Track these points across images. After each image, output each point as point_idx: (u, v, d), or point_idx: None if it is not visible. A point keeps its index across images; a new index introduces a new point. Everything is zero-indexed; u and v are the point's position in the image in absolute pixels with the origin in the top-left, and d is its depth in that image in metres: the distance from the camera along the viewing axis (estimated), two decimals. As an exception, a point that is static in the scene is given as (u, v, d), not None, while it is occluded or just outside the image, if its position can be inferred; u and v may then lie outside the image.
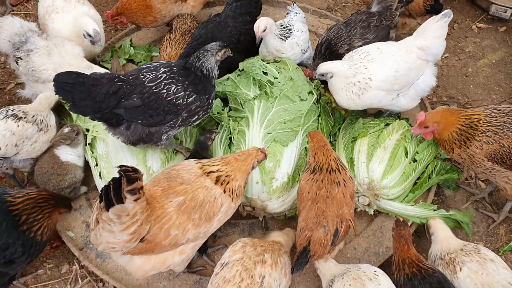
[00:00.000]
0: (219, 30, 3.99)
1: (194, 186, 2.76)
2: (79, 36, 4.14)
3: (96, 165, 3.68)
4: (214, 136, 3.52)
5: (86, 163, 3.84)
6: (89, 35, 4.07)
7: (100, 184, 3.64)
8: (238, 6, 4.07)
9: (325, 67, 3.61)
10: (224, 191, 2.83)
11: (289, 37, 3.95)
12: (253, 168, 3.00)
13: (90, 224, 2.57)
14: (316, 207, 2.95)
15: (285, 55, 3.95)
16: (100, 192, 2.39)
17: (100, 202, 2.40)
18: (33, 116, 3.62)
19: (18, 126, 3.51)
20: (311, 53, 4.27)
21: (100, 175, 3.63)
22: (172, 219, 2.67)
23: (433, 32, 3.65)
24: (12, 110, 3.59)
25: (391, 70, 3.52)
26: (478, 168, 3.42)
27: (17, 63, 3.96)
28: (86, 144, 3.84)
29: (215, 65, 3.34)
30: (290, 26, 4.02)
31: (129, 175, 2.34)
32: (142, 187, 2.42)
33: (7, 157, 3.57)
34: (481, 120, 3.29)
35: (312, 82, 3.90)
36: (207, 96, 3.31)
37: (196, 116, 3.35)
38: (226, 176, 2.86)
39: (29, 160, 3.74)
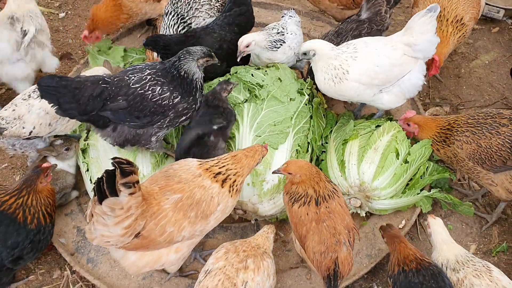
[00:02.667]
0: (206, 34, 3.96)
1: (191, 185, 2.77)
2: None
3: (87, 170, 3.67)
4: (231, 88, 3.47)
5: (78, 169, 3.83)
6: None
7: (91, 189, 3.62)
8: (227, 16, 4.05)
9: (308, 43, 3.54)
10: (222, 186, 2.83)
11: (281, 46, 3.92)
12: (257, 164, 3.02)
13: (86, 218, 2.57)
14: (325, 226, 2.81)
15: (279, 61, 3.94)
16: (93, 184, 2.40)
17: (95, 195, 2.39)
18: None
19: None
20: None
21: (91, 180, 3.61)
22: (168, 216, 2.68)
23: (419, 28, 3.53)
24: None
25: (372, 64, 3.48)
26: (463, 168, 3.48)
27: None
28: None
29: (196, 69, 3.27)
30: (283, 29, 3.99)
31: (123, 167, 2.34)
32: (138, 181, 2.43)
33: (40, 136, 3.56)
34: (457, 121, 3.44)
35: (306, 82, 3.89)
36: (191, 98, 3.29)
37: (184, 117, 3.35)
38: (234, 175, 2.87)
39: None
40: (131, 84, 3.16)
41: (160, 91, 3.19)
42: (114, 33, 5.01)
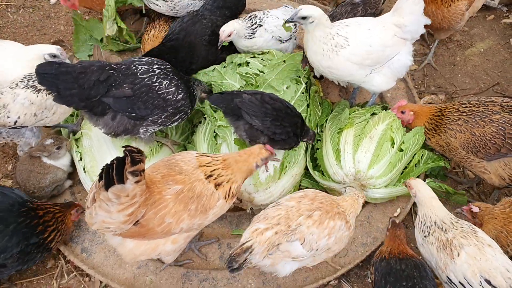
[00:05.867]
0: (193, 23, 3.91)
1: (191, 178, 2.75)
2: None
3: (81, 159, 3.63)
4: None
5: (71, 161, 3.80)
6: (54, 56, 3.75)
7: (84, 178, 3.59)
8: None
9: (309, 9, 3.37)
10: (217, 189, 2.80)
11: (258, 29, 3.87)
12: (257, 167, 2.94)
13: (86, 202, 2.53)
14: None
15: (256, 46, 3.90)
16: (101, 170, 2.36)
17: (100, 180, 2.36)
18: None
19: (37, 96, 3.42)
20: (295, 44, 4.22)
21: (84, 169, 3.58)
22: (168, 206, 2.66)
23: (408, 9, 3.48)
24: (33, 80, 3.47)
25: (365, 44, 3.45)
26: (456, 157, 3.51)
27: None
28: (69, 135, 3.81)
29: (197, 95, 3.53)
30: (263, 14, 3.94)
31: (134, 155, 2.33)
32: (143, 170, 2.41)
33: (26, 126, 3.52)
34: (448, 108, 3.47)
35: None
36: (189, 101, 3.37)
37: (178, 115, 3.36)
38: (226, 182, 2.84)
39: (38, 135, 3.74)
40: (138, 74, 3.16)
41: (167, 85, 3.22)
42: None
